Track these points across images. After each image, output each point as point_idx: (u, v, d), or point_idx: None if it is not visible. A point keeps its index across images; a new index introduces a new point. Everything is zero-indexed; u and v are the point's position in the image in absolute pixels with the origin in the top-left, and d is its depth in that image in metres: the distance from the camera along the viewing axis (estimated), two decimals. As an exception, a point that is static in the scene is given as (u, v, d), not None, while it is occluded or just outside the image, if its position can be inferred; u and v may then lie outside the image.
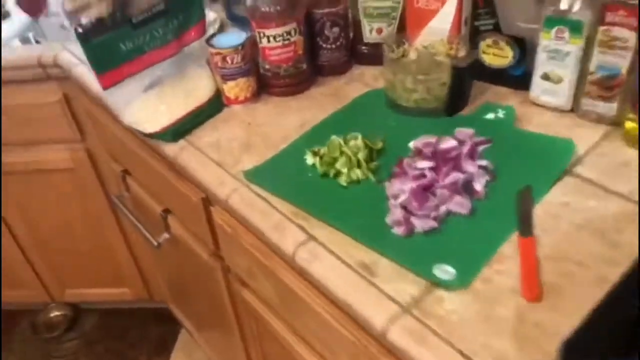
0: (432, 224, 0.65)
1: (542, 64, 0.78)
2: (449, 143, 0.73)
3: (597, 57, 0.72)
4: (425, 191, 0.68)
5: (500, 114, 0.80)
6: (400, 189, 0.69)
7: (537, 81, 0.80)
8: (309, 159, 0.78)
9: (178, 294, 1.46)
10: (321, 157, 0.76)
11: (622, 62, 0.70)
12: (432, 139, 0.74)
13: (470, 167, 0.70)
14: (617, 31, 0.68)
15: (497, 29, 0.83)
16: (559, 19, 0.73)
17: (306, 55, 0.91)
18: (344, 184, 0.73)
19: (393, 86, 0.83)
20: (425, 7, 0.86)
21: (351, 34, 0.96)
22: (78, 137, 1.31)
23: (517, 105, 0.82)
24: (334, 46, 0.93)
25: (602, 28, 0.70)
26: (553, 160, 0.71)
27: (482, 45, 0.86)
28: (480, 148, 0.73)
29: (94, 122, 1.23)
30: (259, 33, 0.88)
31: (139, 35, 0.84)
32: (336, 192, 0.72)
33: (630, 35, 0.68)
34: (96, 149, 1.32)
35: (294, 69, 0.90)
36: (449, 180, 0.69)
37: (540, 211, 0.65)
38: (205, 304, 1.22)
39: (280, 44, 0.87)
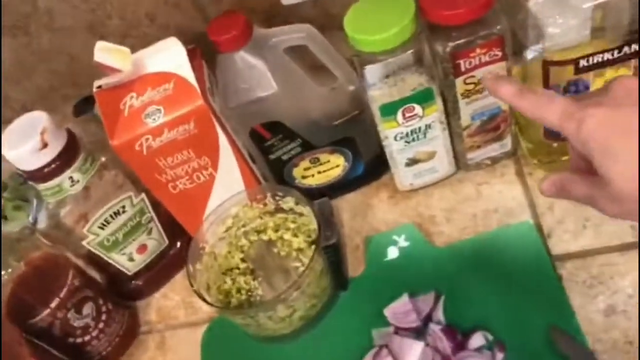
0: None
1: (400, 153, 0.54)
2: (414, 350, 0.46)
3: (466, 109, 0.51)
4: None
5: (402, 242, 0.54)
6: None
7: (402, 172, 0.56)
8: None
9: None
10: None
11: (497, 99, 0.51)
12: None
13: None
14: (481, 72, 0.48)
15: (307, 147, 0.55)
16: (400, 101, 0.49)
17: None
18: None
19: (258, 326, 0.50)
20: (190, 186, 0.53)
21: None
22: None
23: (392, 209, 0.58)
24: (101, 325, 0.53)
25: (459, 79, 0.49)
26: (526, 260, 0.49)
27: (297, 173, 0.58)
28: (440, 314, 0.48)
29: None
30: None
31: None
32: None
33: (498, 68, 0.48)
34: None
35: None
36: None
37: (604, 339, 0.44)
38: None
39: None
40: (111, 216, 0.52)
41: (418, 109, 0.50)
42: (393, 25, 0.45)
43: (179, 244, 0.61)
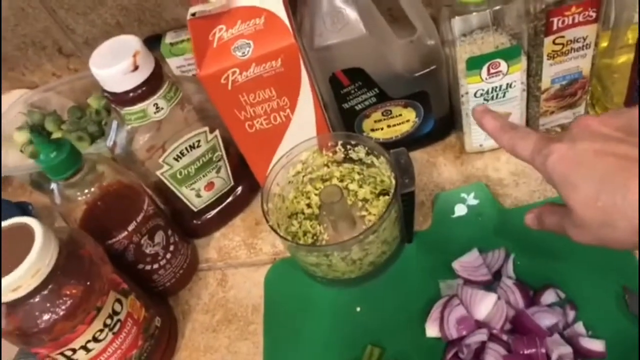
0: None
1: (476, 111, 0.54)
2: (487, 301, 0.46)
3: (549, 70, 0.51)
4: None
5: (471, 200, 0.55)
6: None
7: (475, 131, 0.56)
8: None
9: None
10: None
11: (582, 63, 0.51)
12: (461, 312, 0.46)
13: (546, 317, 0.45)
14: (571, 33, 0.48)
15: (382, 98, 0.55)
16: (488, 55, 0.49)
17: (154, 316, 0.51)
18: None
19: (329, 266, 0.50)
20: (266, 127, 0.53)
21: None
22: None
23: (458, 169, 0.59)
24: (169, 256, 0.54)
25: (549, 38, 0.49)
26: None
27: (367, 125, 0.58)
28: (510, 270, 0.49)
29: None
30: (62, 355, 0.44)
31: None
32: None
33: (589, 30, 0.48)
34: None
35: (150, 342, 0.50)
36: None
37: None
38: None
39: (108, 338, 0.45)
40: (187, 149, 0.53)
41: (503, 65, 0.50)
42: (492, -24, 0.45)
43: (240, 187, 0.61)
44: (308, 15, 0.50)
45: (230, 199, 0.61)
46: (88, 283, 0.43)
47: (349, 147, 0.54)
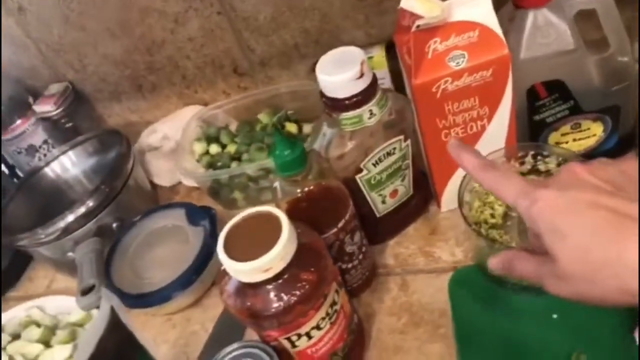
0: None
1: (674, 126, 0.55)
2: None
3: None
4: None
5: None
6: None
7: (667, 148, 0.57)
8: None
9: None
10: None
11: None
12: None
13: None
14: None
15: (574, 110, 0.56)
16: (702, 67, 0.50)
17: (354, 312, 0.54)
18: None
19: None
20: (461, 136, 0.55)
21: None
22: None
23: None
24: (361, 256, 0.57)
25: None
26: None
27: (553, 138, 0.59)
28: None
29: None
30: (287, 340, 0.47)
31: None
32: None
33: None
34: None
35: (351, 337, 0.52)
36: None
37: None
38: None
39: (326, 327, 0.48)
40: (384, 155, 0.56)
41: None
42: None
43: (417, 198, 0.63)
44: (514, 30, 0.53)
45: (407, 208, 0.63)
46: (320, 270, 0.45)
47: (539, 157, 0.55)
